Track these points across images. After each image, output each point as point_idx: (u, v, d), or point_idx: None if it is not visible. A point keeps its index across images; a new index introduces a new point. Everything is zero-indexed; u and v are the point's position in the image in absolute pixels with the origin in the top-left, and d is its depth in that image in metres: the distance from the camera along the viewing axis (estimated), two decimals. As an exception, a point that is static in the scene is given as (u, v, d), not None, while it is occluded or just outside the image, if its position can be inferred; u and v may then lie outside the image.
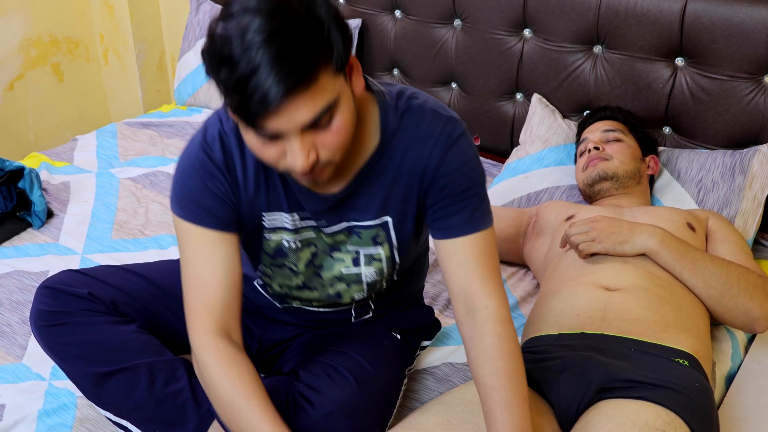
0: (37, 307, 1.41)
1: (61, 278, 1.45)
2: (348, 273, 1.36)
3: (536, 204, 2.10)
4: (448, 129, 1.25)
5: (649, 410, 1.25)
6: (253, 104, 1.01)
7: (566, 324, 1.49)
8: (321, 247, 1.34)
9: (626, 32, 2.15)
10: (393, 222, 1.31)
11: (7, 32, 3.02)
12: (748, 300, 1.55)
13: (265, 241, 1.33)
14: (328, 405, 1.30)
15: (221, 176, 1.24)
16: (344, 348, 1.41)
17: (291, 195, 1.28)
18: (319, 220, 1.30)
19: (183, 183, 1.26)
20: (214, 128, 1.25)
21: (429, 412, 1.33)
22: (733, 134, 2.09)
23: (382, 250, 1.34)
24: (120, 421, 1.40)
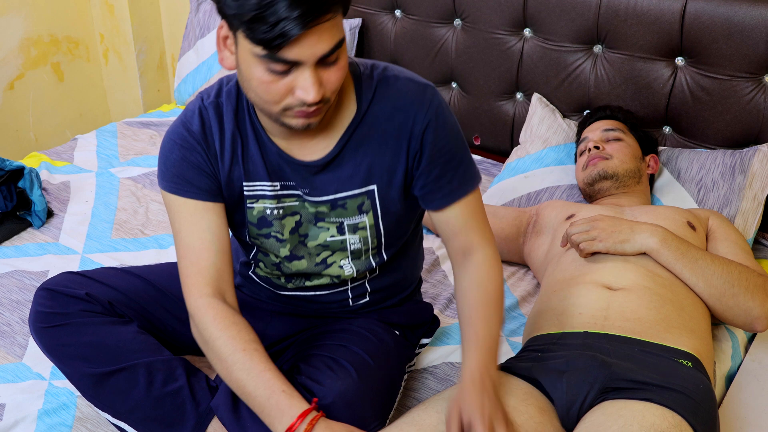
0: (36, 309, 1.42)
1: (58, 280, 1.45)
2: (332, 240, 1.38)
3: (536, 203, 2.10)
4: (428, 95, 1.30)
5: (655, 412, 1.25)
6: (279, 30, 1.06)
7: (568, 323, 1.49)
8: (305, 216, 1.36)
9: (626, 32, 2.15)
10: (378, 190, 1.34)
11: (7, 32, 3.02)
12: (749, 299, 1.55)
13: (249, 211, 1.36)
14: (329, 395, 1.31)
15: (199, 147, 1.31)
16: (345, 342, 1.42)
17: (271, 164, 1.33)
18: (303, 188, 1.33)
19: (165, 157, 1.32)
20: (194, 105, 1.33)
21: (431, 408, 1.33)
22: (733, 134, 2.09)
23: (367, 218, 1.36)
24: (119, 424, 1.40)
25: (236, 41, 1.15)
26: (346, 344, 1.41)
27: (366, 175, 1.32)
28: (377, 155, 1.31)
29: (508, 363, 1.45)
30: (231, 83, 1.33)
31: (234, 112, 1.32)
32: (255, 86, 1.16)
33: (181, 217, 1.32)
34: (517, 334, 1.75)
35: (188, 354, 1.50)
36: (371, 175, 1.32)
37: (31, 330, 1.43)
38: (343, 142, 1.30)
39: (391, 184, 1.34)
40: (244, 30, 1.10)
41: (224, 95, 1.33)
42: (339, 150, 1.30)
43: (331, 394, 1.31)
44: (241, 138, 1.32)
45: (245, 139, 1.32)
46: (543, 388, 1.37)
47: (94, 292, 1.42)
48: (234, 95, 1.32)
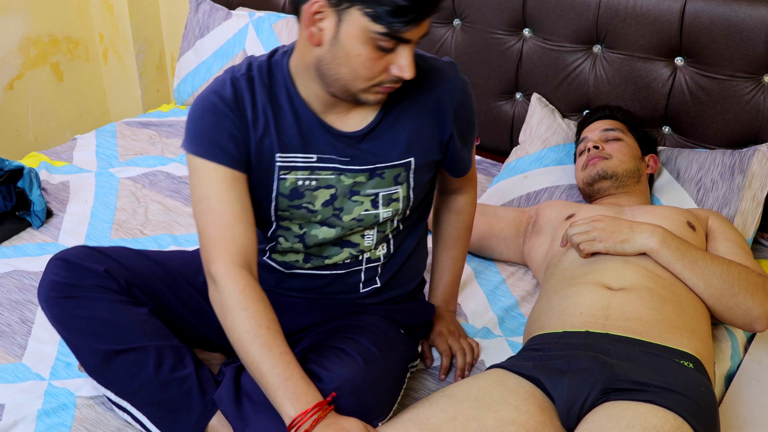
0: (50, 278, 1.40)
1: (76, 252, 1.44)
2: (366, 214, 1.42)
3: (536, 203, 2.10)
4: (458, 71, 1.42)
5: (657, 414, 1.25)
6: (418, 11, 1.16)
7: (569, 322, 1.49)
8: (341, 190, 1.39)
9: (626, 32, 2.15)
10: (415, 161, 1.41)
11: (7, 32, 3.02)
12: (749, 299, 1.55)
13: (281, 182, 1.37)
14: (336, 380, 1.31)
15: (231, 114, 1.32)
16: (351, 335, 1.43)
17: (308, 136, 1.35)
18: (344, 157, 1.36)
19: (195, 122, 1.32)
20: (224, 77, 1.35)
21: (436, 406, 1.33)
22: (732, 134, 2.09)
23: (401, 190, 1.41)
24: (121, 402, 1.39)
25: (340, 19, 1.19)
26: (352, 336, 1.42)
27: (405, 146, 1.39)
28: (415, 127, 1.39)
29: (509, 362, 1.45)
30: (260, 59, 1.37)
31: (266, 85, 1.35)
32: (354, 62, 1.22)
33: (211, 183, 1.31)
34: (516, 333, 1.75)
35: (193, 347, 1.50)
36: (410, 146, 1.39)
37: (42, 299, 1.40)
38: (382, 113, 1.37)
39: (428, 156, 1.42)
40: (370, 7, 1.16)
41: (255, 69, 1.36)
42: (378, 121, 1.36)
43: (338, 380, 1.31)
44: (274, 110, 1.34)
45: (279, 111, 1.34)
46: (544, 387, 1.37)
47: (112, 270, 1.41)
48: (265, 69, 1.35)
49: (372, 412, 1.34)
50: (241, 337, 1.26)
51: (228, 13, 2.82)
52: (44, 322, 1.75)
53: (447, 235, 1.65)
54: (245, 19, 2.77)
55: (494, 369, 1.44)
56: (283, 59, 1.36)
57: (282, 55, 1.37)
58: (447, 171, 1.54)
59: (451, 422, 1.29)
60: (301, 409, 1.22)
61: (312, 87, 1.33)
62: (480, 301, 1.86)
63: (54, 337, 1.70)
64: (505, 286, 1.91)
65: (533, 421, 1.30)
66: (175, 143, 2.61)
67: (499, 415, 1.30)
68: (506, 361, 1.46)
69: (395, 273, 1.53)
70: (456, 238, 1.65)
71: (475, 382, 1.39)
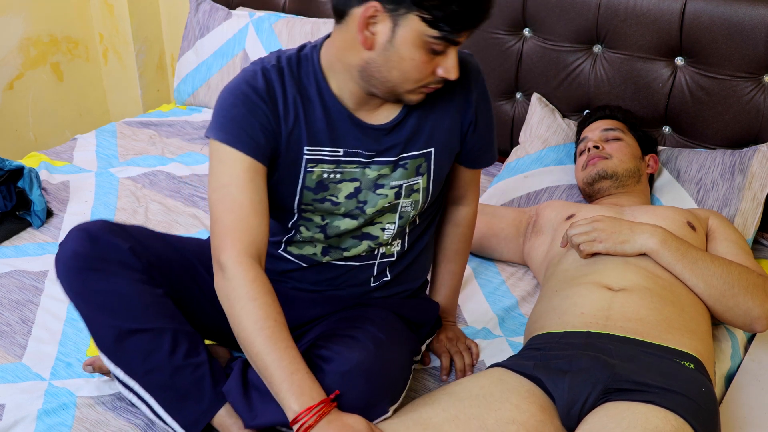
0: (72, 248, 1.38)
1: (100, 225, 1.42)
2: (389, 206, 1.44)
3: (536, 203, 2.10)
4: (477, 64, 1.45)
5: (658, 415, 1.25)
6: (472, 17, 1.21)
7: (570, 322, 1.49)
8: (365, 183, 1.40)
9: (626, 32, 2.15)
10: (435, 152, 1.42)
11: (7, 32, 3.02)
12: (749, 299, 1.55)
13: (308, 175, 1.37)
14: (346, 364, 1.31)
15: (263, 105, 1.32)
16: (360, 324, 1.43)
17: (336, 129, 1.36)
18: (370, 151, 1.38)
19: (226, 111, 1.32)
20: (254, 67, 1.35)
21: (438, 404, 1.33)
22: (732, 134, 2.09)
23: (422, 181, 1.44)
24: (129, 382, 1.37)
25: (396, 24, 1.21)
26: (361, 325, 1.43)
27: (427, 137, 1.41)
28: (437, 119, 1.41)
29: (509, 361, 1.45)
30: (289, 52, 1.37)
31: (296, 77, 1.35)
32: (407, 66, 1.25)
33: (234, 172, 1.30)
34: (517, 334, 1.75)
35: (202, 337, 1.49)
36: (431, 137, 1.41)
37: (60, 270, 1.38)
38: (408, 107, 1.39)
39: (447, 148, 1.44)
40: (429, 13, 1.19)
41: (284, 61, 1.36)
42: (405, 114, 1.38)
43: (349, 364, 1.31)
44: (303, 102, 1.34)
45: (308, 104, 1.35)
46: (545, 386, 1.37)
47: (135, 249, 1.40)
48: (295, 62, 1.36)
49: (382, 397, 1.35)
50: (248, 327, 1.25)
51: (228, 13, 2.82)
52: (44, 321, 1.75)
53: (447, 248, 1.65)
54: (245, 19, 2.77)
55: (495, 368, 1.44)
56: (313, 54, 1.36)
57: (311, 50, 1.37)
58: (462, 163, 1.53)
59: (452, 421, 1.29)
60: (306, 405, 1.22)
61: (347, 84, 1.34)
62: (480, 302, 1.86)
63: (54, 336, 1.70)
64: (505, 287, 1.91)
65: (534, 420, 1.30)
66: (175, 143, 2.61)
67: (499, 414, 1.30)
68: (507, 360, 1.47)
69: (405, 268, 1.55)
70: (456, 252, 1.65)
71: (476, 380, 1.39)
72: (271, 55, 1.39)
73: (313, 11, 2.77)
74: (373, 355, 1.34)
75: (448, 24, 1.21)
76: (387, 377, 1.37)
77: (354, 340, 1.37)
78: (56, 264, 1.40)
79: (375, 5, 1.21)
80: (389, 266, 1.53)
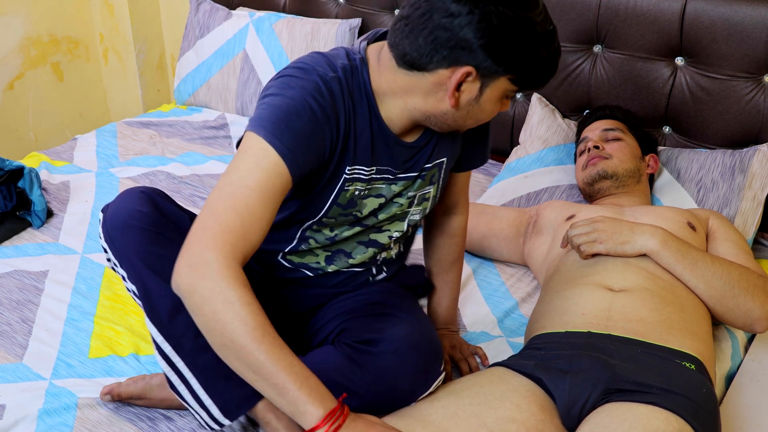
0: (135, 207, 1.32)
1: (157, 192, 1.38)
2: (401, 213, 1.45)
3: (536, 203, 2.10)
4: None
5: (659, 416, 1.25)
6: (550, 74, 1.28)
7: (571, 322, 1.49)
8: (388, 196, 1.40)
9: (626, 32, 2.15)
10: (446, 162, 1.45)
11: (7, 32, 3.02)
12: (749, 300, 1.55)
13: (343, 193, 1.34)
14: (395, 340, 1.31)
15: (327, 125, 1.25)
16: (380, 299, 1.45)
17: (378, 149, 1.35)
18: (400, 168, 1.38)
19: (290, 118, 1.22)
20: (313, 76, 1.26)
21: (438, 402, 1.33)
22: (732, 134, 2.09)
23: (432, 189, 1.46)
24: (174, 359, 1.32)
25: (484, 85, 1.24)
26: (383, 301, 1.44)
27: (440, 148, 1.43)
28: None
29: (510, 360, 1.45)
30: (340, 61, 1.30)
31: (349, 92, 1.29)
32: (484, 116, 1.31)
33: (265, 180, 1.19)
34: (517, 334, 1.75)
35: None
36: (443, 147, 1.43)
37: (117, 227, 1.32)
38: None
39: (453, 154, 1.47)
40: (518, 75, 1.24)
41: (341, 72, 1.29)
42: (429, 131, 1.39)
43: (398, 340, 1.32)
44: (354, 119, 1.30)
45: (358, 123, 1.31)
46: (545, 386, 1.37)
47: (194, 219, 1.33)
48: (349, 75, 1.30)
49: (432, 365, 1.36)
50: (245, 334, 1.15)
51: (228, 13, 2.82)
52: (45, 321, 1.75)
53: (443, 260, 1.66)
54: (245, 19, 2.77)
55: (496, 367, 1.44)
56: (363, 70, 1.31)
57: (360, 63, 1.31)
58: (460, 167, 1.53)
59: (452, 419, 1.29)
60: (330, 408, 1.17)
61: (398, 115, 1.33)
62: (479, 303, 1.86)
63: (55, 336, 1.70)
64: (504, 288, 1.91)
65: (533, 420, 1.30)
66: (175, 143, 2.61)
67: (499, 413, 1.30)
68: (508, 359, 1.47)
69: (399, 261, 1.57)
70: (452, 263, 1.66)
71: (477, 379, 1.39)
72: (318, 58, 1.30)
73: (313, 11, 2.77)
74: (414, 326, 1.36)
75: (533, 84, 1.28)
76: (431, 343, 1.38)
77: (390, 317, 1.38)
78: (111, 219, 1.34)
79: (470, 71, 1.21)
80: (386, 264, 1.53)
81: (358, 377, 1.32)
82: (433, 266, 1.67)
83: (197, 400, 1.34)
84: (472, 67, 1.21)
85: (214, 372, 1.31)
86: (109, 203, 1.39)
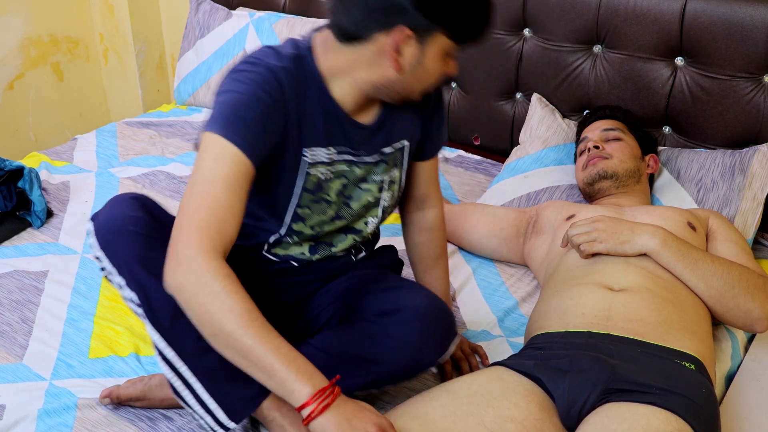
0: (129, 213, 1.34)
1: (146, 197, 1.40)
2: (373, 201, 1.48)
3: (536, 203, 2.10)
4: None
5: (659, 416, 1.25)
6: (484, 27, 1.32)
7: (571, 322, 1.49)
8: (351, 179, 1.43)
9: (626, 32, 2.15)
10: (408, 146, 1.49)
11: (7, 32, 3.02)
12: (749, 300, 1.55)
13: (308, 177, 1.38)
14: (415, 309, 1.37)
15: (275, 111, 1.30)
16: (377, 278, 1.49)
17: (332, 130, 1.38)
18: (358, 150, 1.41)
19: (239, 110, 1.27)
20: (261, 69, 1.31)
21: (436, 401, 1.33)
22: (732, 134, 2.09)
23: (397, 173, 1.49)
24: (177, 364, 1.33)
25: (423, 44, 1.28)
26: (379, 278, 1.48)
27: (401, 131, 1.47)
28: (406, 112, 1.46)
29: (510, 360, 1.45)
30: (286, 51, 1.35)
31: (297, 79, 1.34)
32: (430, 78, 1.34)
33: (228, 172, 1.25)
34: (517, 334, 1.75)
35: None
36: (404, 130, 1.47)
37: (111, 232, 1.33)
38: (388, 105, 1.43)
39: (414, 138, 1.50)
40: (453, 31, 1.28)
41: (287, 61, 1.33)
42: (387, 113, 1.43)
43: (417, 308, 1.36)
44: (306, 105, 1.35)
45: (309, 107, 1.36)
46: (544, 386, 1.37)
47: None
48: (296, 63, 1.34)
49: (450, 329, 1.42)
50: (233, 321, 1.18)
51: (228, 13, 2.82)
52: (45, 322, 1.75)
53: (426, 256, 1.66)
54: (245, 19, 2.77)
55: (495, 366, 1.44)
56: (310, 57, 1.36)
57: (306, 51, 1.37)
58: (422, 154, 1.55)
59: (450, 417, 1.29)
60: (319, 386, 1.18)
61: (351, 92, 1.37)
62: (479, 303, 1.86)
63: (55, 336, 1.70)
64: (504, 287, 1.91)
65: (532, 419, 1.30)
66: (175, 143, 2.61)
67: (498, 412, 1.30)
68: (507, 359, 1.47)
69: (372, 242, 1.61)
70: (436, 258, 1.66)
71: (476, 378, 1.39)
72: (268, 51, 1.35)
73: (313, 11, 2.77)
74: (426, 294, 1.41)
75: (470, 37, 1.31)
76: (445, 308, 1.42)
77: (399, 289, 1.43)
78: (105, 225, 1.35)
79: (405, 31, 1.25)
80: (363, 245, 1.57)
81: (382, 348, 1.35)
82: (418, 264, 1.67)
83: (202, 405, 1.35)
84: (406, 27, 1.25)
85: (218, 374, 1.32)
86: (98, 212, 1.39)
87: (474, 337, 1.74)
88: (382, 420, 1.21)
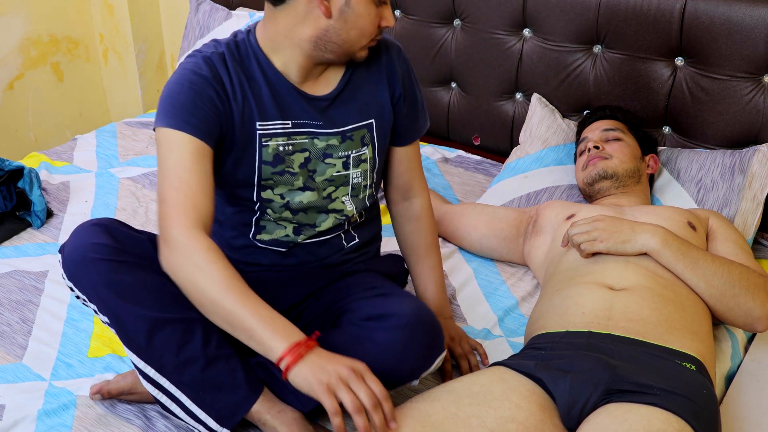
0: (92, 241, 1.36)
1: (110, 221, 1.43)
2: (338, 175, 1.51)
3: (536, 203, 2.10)
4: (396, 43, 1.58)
5: (660, 417, 1.25)
6: None
7: (572, 322, 1.49)
8: (314, 153, 1.48)
9: (626, 32, 2.15)
10: (375, 123, 1.52)
11: (7, 32, 3.02)
12: (750, 299, 1.55)
13: (264, 149, 1.44)
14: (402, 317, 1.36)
15: (210, 89, 1.37)
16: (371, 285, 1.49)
17: (283, 103, 1.44)
18: (317, 122, 1.46)
19: (173, 98, 1.36)
20: (194, 57, 1.41)
21: (437, 402, 1.33)
22: (732, 134, 2.09)
23: (367, 151, 1.52)
24: (160, 380, 1.34)
25: None
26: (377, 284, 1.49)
27: (366, 108, 1.51)
28: (372, 91, 1.52)
29: (510, 360, 1.45)
30: (225, 40, 1.46)
31: (237, 59, 1.43)
32: (363, 22, 1.39)
33: (181, 154, 1.33)
34: (517, 334, 1.75)
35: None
36: (370, 109, 1.51)
37: (76, 262, 1.36)
38: (346, 77, 1.49)
39: (383, 118, 1.53)
40: None
41: (223, 47, 1.43)
42: (344, 85, 1.48)
43: (405, 315, 1.36)
44: (249, 81, 1.42)
45: (253, 82, 1.43)
46: (545, 386, 1.37)
47: (154, 240, 1.39)
48: (233, 46, 1.44)
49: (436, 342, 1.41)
50: (213, 290, 1.24)
51: (228, 13, 2.82)
52: (44, 322, 1.75)
53: (417, 246, 1.67)
54: (245, 19, 2.77)
55: (496, 366, 1.44)
56: (249, 37, 1.45)
57: (246, 34, 1.46)
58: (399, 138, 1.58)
59: (451, 419, 1.29)
60: (295, 340, 1.22)
61: (295, 58, 1.43)
62: (480, 302, 1.86)
63: (55, 337, 1.70)
64: (505, 287, 1.91)
65: (533, 419, 1.30)
66: (175, 143, 2.61)
67: (499, 413, 1.30)
68: (508, 359, 1.47)
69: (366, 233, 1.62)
70: (427, 247, 1.67)
71: (477, 378, 1.39)
72: (206, 45, 1.45)
73: (313, 11, 2.77)
74: (417, 303, 1.41)
75: None
76: (434, 322, 1.41)
77: (392, 296, 1.44)
78: (70, 256, 1.37)
79: None
80: (355, 230, 1.59)
81: (366, 351, 1.35)
82: (409, 256, 1.69)
83: (192, 416, 1.37)
84: None
85: (202, 385, 1.34)
86: (65, 242, 1.42)
87: (474, 335, 1.74)
88: (356, 363, 1.24)
